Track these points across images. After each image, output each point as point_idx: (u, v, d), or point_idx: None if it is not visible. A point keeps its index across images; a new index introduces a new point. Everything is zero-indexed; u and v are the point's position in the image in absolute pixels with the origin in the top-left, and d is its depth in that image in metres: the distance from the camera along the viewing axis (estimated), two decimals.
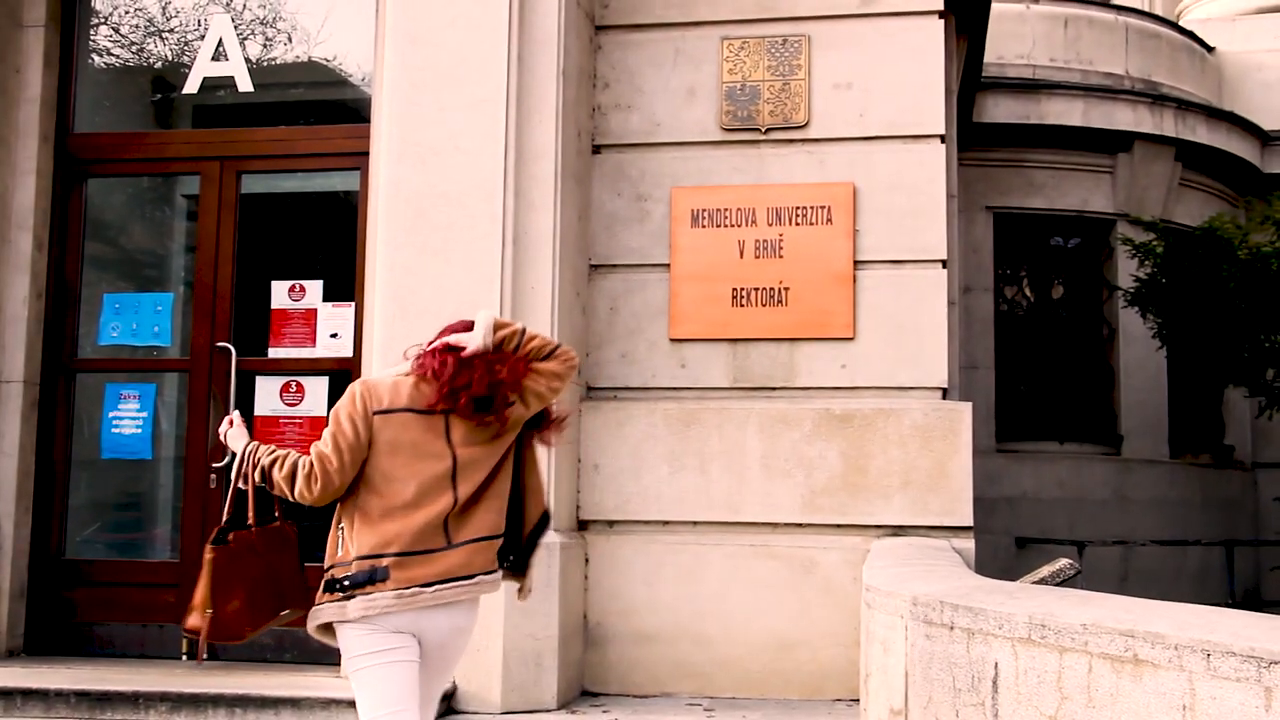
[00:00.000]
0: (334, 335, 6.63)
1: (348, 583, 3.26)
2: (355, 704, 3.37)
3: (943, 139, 6.57)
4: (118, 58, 7.36)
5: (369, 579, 3.23)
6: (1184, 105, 11.79)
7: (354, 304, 6.53)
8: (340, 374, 6.47)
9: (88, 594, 6.70)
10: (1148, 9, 13.70)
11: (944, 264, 6.50)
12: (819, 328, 6.47)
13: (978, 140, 10.65)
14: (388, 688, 3.26)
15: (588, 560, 6.39)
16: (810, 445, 6.31)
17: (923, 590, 4.15)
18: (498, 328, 3.39)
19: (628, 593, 6.34)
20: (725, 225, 6.61)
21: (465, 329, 3.42)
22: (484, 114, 6.05)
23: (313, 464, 3.31)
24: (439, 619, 3.31)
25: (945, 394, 6.42)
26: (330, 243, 6.98)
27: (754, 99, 6.68)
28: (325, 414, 6.15)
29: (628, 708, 5.96)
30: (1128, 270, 10.93)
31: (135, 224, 7.71)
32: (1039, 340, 11.53)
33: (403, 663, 3.28)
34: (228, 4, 7.06)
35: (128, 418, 6.81)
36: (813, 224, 6.53)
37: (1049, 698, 3.20)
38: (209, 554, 3.39)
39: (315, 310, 6.68)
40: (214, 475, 6.55)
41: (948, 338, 6.50)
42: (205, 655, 3.43)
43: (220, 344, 6.67)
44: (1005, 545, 10.45)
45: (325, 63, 7.14)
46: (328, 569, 3.35)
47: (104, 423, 6.84)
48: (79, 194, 7.01)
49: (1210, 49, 12.99)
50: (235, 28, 6.99)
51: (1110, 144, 11.36)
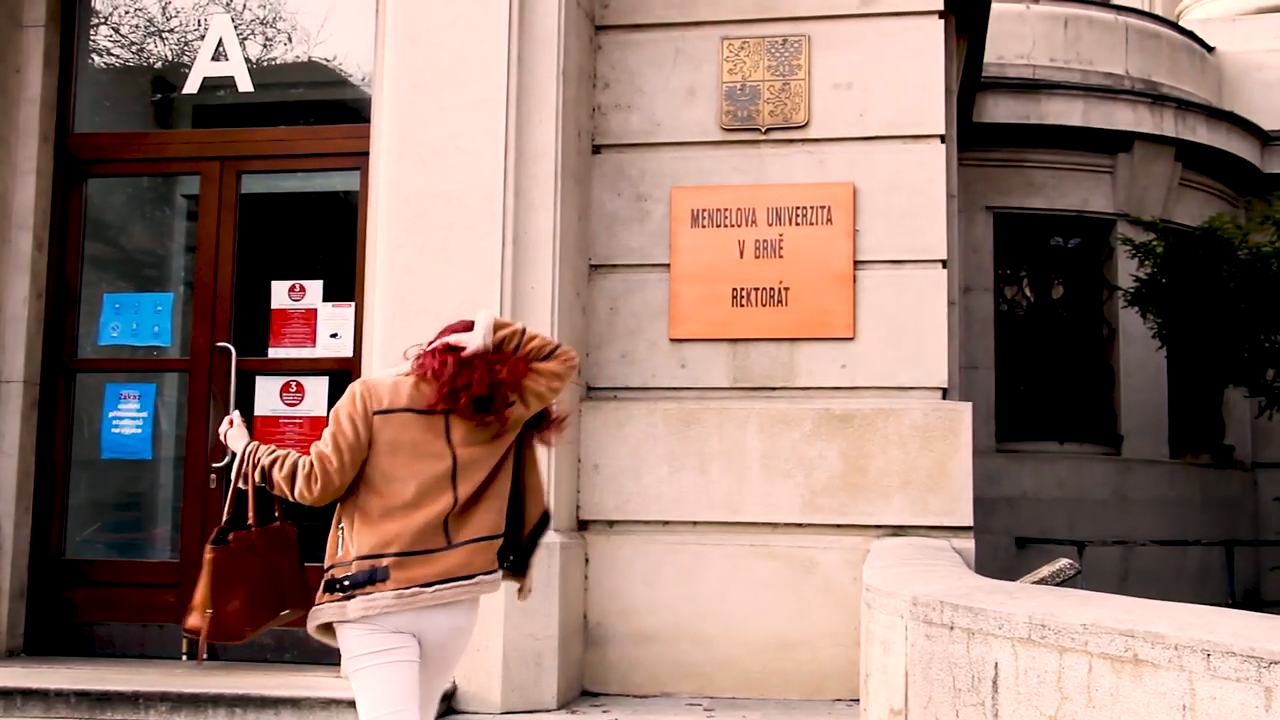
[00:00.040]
0: (334, 335, 6.63)
1: (347, 583, 3.26)
2: (355, 704, 3.37)
3: (943, 139, 6.58)
4: (118, 58, 7.36)
5: (369, 579, 3.23)
6: (1184, 105, 11.79)
7: (354, 304, 6.54)
8: (340, 374, 6.47)
9: (88, 594, 6.70)
10: (1148, 9, 13.70)
11: (944, 264, 6.50)
12: (819, 328, 6.47)
13: (978, 140, 10.65)
14: (387, 688, 3.26)
15: (588, 560, 6.39)
16: (810, 445, 6.31)
17: (923, 590, 4.15)
18: (498, 328, 3.39)
19: (628, 593, 6.34)
20: (725, 225, 6.61)
21: (465, 329, 3.42)
22: (484, 114, 6.05)
23: (313, 464, 3.31)
24: (439, 619, 3.31)
25: (945, 394, 6.42)
26: (330, 243, 6.98)
27: (754, 99, 6.68)
28: (325, 414, 6.15)
29: (628, 708, 5.96)
30: (1128, 270, 10.93)
31: (135, 224, 7.72)
32: (1039, 340, 11.52)
33: (402, 663, 3.27)
34: (228, 4, 7.06)
35: (128, 418, 6.81)
36: (813, 224, 6.53)
37: (1049, 698, 3.19)
38: (209, 554, 3.39)
39: (315, 310, 6.68)
40: (214, 475, 6.55)
41: (948, 338, 6.50)
42: (205, 655, 3.43)
43: (220, 344, 6.67)
44: (1005, 545, 10.44)
45: (325, 63, 7.14)
46: (328, 569, 3.35)
47: (104, 423, 6.84)
48: (79, 194, 7.01)
49: (1210, 49, 12.99)
50: (235, 28, 6.99)
51: (1110, 144, 11.36)
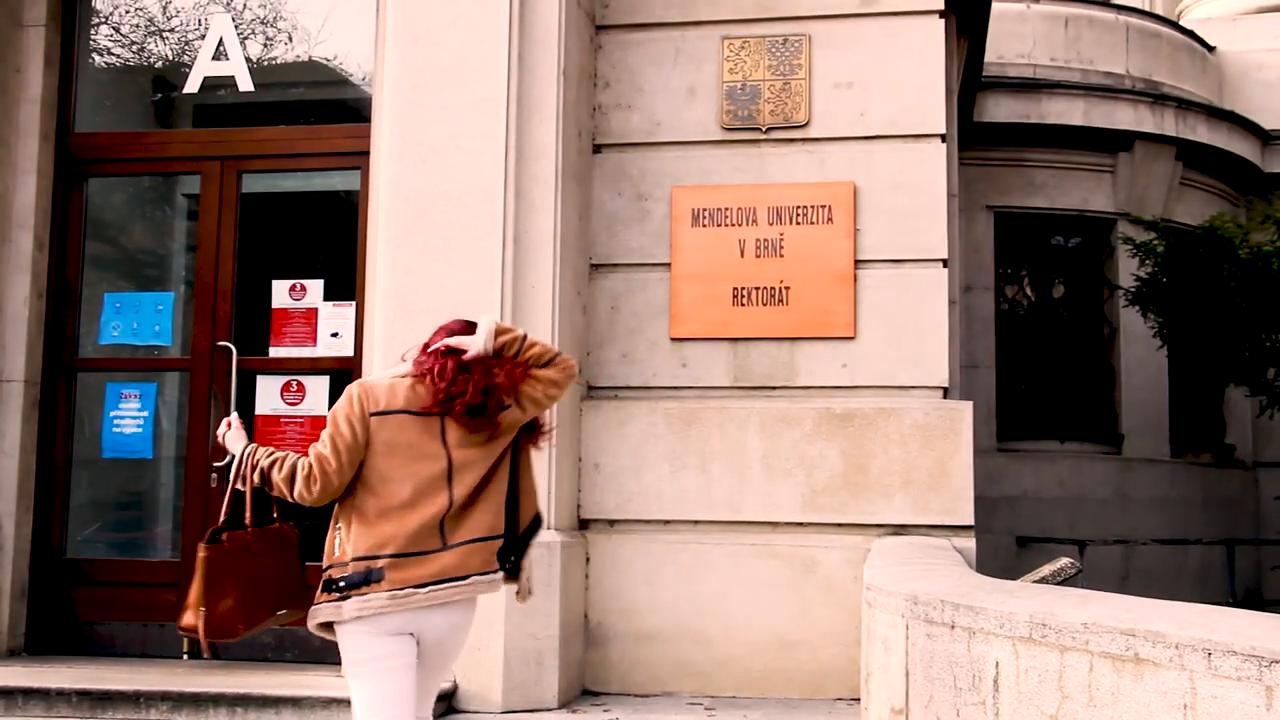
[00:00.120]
0: (335, 334, 6.64)
1: (344, 584, 3.32)
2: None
3: (943, 138, 6.57)
4: (118, 57, 7.36)
5: (365, 580, 3.29)
6: (1184, 105, 11.79)
7: (355, 303, 6.54)
8: (341, 373, 6.47)
9: (89, 593, 6.70)
10: (1148, 8, 13.69)
11: (945, 263, 6.50)
12: (820, 327, 6.47)
13: (978, 140, 10.65)
14: (382, 694, 3.32)
15: (589, 559, 6.39)
16: (811, 444, 6.31)
17: (924, 589, 4.14)
18: (499, 333, 3.45)
19: (629, 592, 6.34)
20: (726, 225, 6.61)
21: (461, 328, 3.48)
22: (484, 113, 6.05)
23: (311, 465, 3.37)
24: (436, 618, 3.36)
25: (946, 393, 6.42)
26: (331, 242, 6.98)
27: (754, 98, 6.68)
28: (326, 413, 6.13)
29: (628, 707, 5.96)
30: (1128, 269, 10.93)
31: (136, 223, 7.72)
32: (1039, 339, 11.52)
33: (398, 669, 3.33)
34: (228, 4, 7.06)
35: (128, 417, 6.82)
36: (813, 223, 6.53)
37: (1050, 697, 3.19)
38: (202, 552, 3.45)
39: (316, 309, 6.68)
40: (215, 475, 6.55)
41: (948, 337, 6.50)
42: (210, 653, 3.48)
43: (221, 343, 6.67)
44: (1006, 544, 10.44)
45: (326, 62, 7.14)
46: (326, 569, 3.40)
47: (105, 422, 6.84)
48: (79, 193, 7.01)
49: (1211, 48, 12.99)
50: (236, 27, 6.99)
51: (1111, 143, 11.36)
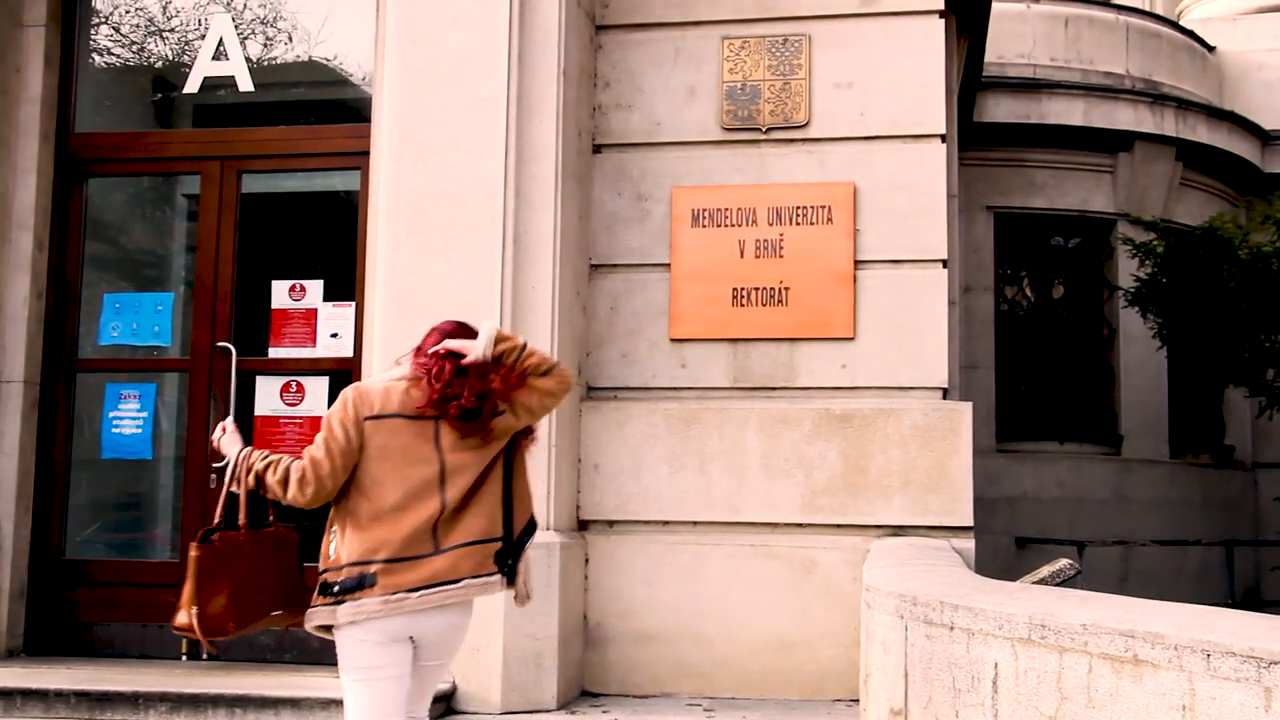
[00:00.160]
0: (334, 335, 6.63)
1: (338, 589, 3.37)
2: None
3: (943, 139, 6.57)
4: (118, 57, 7.36)
5: (358, 585, 3.35)
6: (1184, 105, 11.79)
7: (354, 304, 6.54)
8: (340, 374, 6.47)
9: (88, 594, 6.70)
10: (1148, 9, 13.69)
11: (944, 264, 6.49)
12: (819, 328, 6.47)
13: (978, 140, 10.65)
14: (375, 702, 3.40)
15: (588, 560, 6.39)
16: (810, 445, 6.31)
17: (923, 590, 4.14)
18: (499, 340, 3.49)
19: (628, 593, 6.34)
20: (726, 225, 6.61)
21: (453, 329, 3.54)
22: (484, 114, 6.05)
23: (304, 468, 3.43)
24: (433, 619, 3.41)
25: (945, 394, 6.42)
26: (330, 242, 6.98)
27: (754, 98, 6.68)
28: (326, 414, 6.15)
29: (627, 708, 5.96)
30: (1128, 270, 10.93)
31: (135, 224, 7.71)
32: (1039, 340, 11.52)
33: (390, 679, 3.41)
34: (228, 4, 7.06)
35: (128, 417, 6.81)
36: (813, 224, 6.53)
37: (1049, 698, 3.19)
38: (194, 551, 3.52)
39: (315, 310, 6.68)
40: (214, 475, 6.54)
41: (948, 338, 6.50)
42: (213, 650, 3.54)
43: (220, 344, 6.67)
44: (1005, 545, 10.44)
45: (326, 62, 7.14)
46: (321, 573, 3.46)
47: (104, 422, 6.84)
48: (79, 194, 7.01)
49: (1211, 49, 12.99)
50: (236, 27, 6.99)
51: (1111, 144, 11.36)
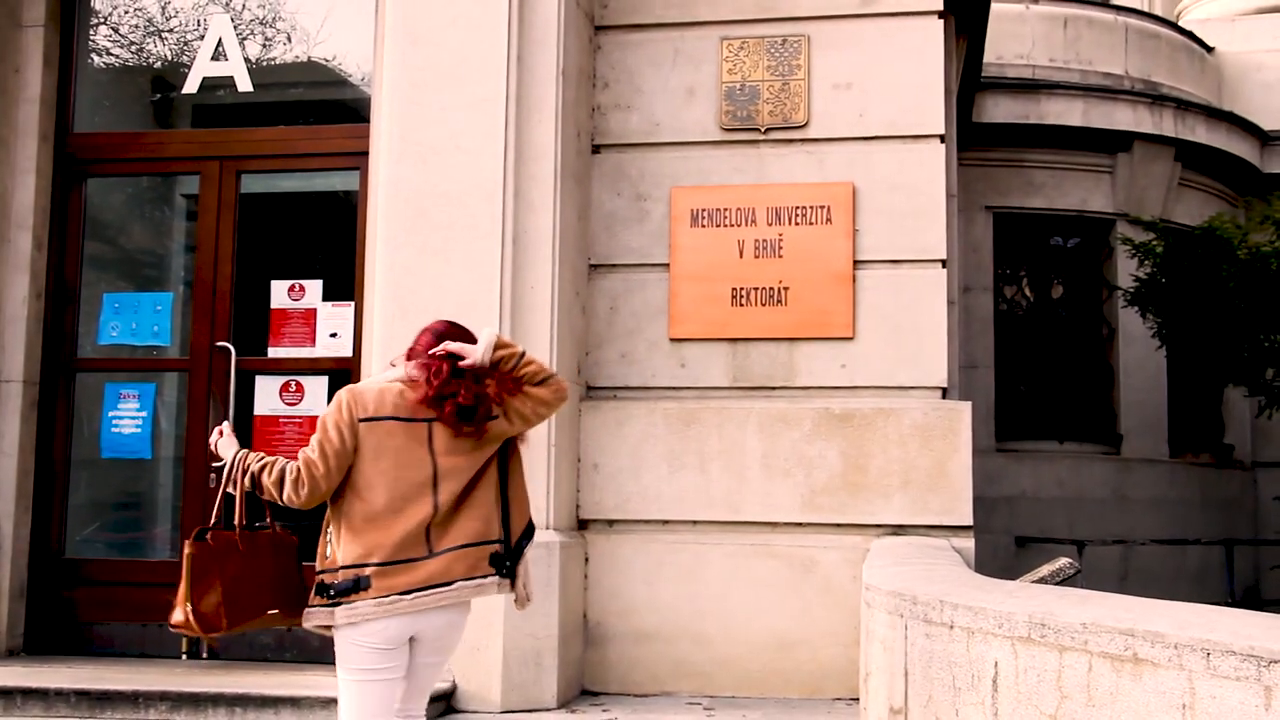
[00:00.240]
0: (333, 335, 6.64)
1: (334, 591, 3.43)
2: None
3: (942, 139, 6.57)
4: (117, 57, 7.36)
5: (353, 587, 3.40)
6: (1183, 105, 11.79)
7: (354, 304, 6.54)
8: (340, 374, 6.47)
9: (88, 593, 6.70)
10: (1147, 9, 13.70)
11: (944, 264, 6.50)
12: (819, 327, 6.47)
13: (977, 140, 10.65)
14: (366, 701, 3.46)
15: (588, 560, 6.39)
16: (810, 445, 6.31)
17: (923, 589, 4.14)
18: (499, 346, 3.56)
19: (627, 592, 6.34)
20: (725, 225, 6.61)
21: (445, 329, 3.62)
22: (484, 114, 6.05)
23: (299, 469, 3.48)
24: (431, 618, 3.47)
25: (945, 393, 6.42)
26: (330, 242, 6.98)
27: (753, 99, 6.68)
28: None
29: (627, 707, 5.97)
30: (1127, 270, 10.93)
31: (135, 224, 7.72)
32: (1039, 340, 11.52)
33: (384, 682, 3.47)
34: (227, 4, 7.06)
35: (127, 417, 6.81)
36: (812, 224, 6.53)
37: (1049, 697, 3.19)
38: (187, 549, 3.56)
39: (315, 310, 6.68)
40: (213, 475, 6.54)
41: (947, 337, 6.50)
42: (214, 644, 3.58)
43: (220, 343, 6.67)
44: (1005, 545, 10.44)
45: (325, 62, 7.14)
46: (318, 573, 3.52)
47: (104, 422, 6.84)
48: (79, 194, 7.01)
49: (1210, 49, 12.99)
50: (235, 27, 6.99)
51: (1110, 144, 11.36)
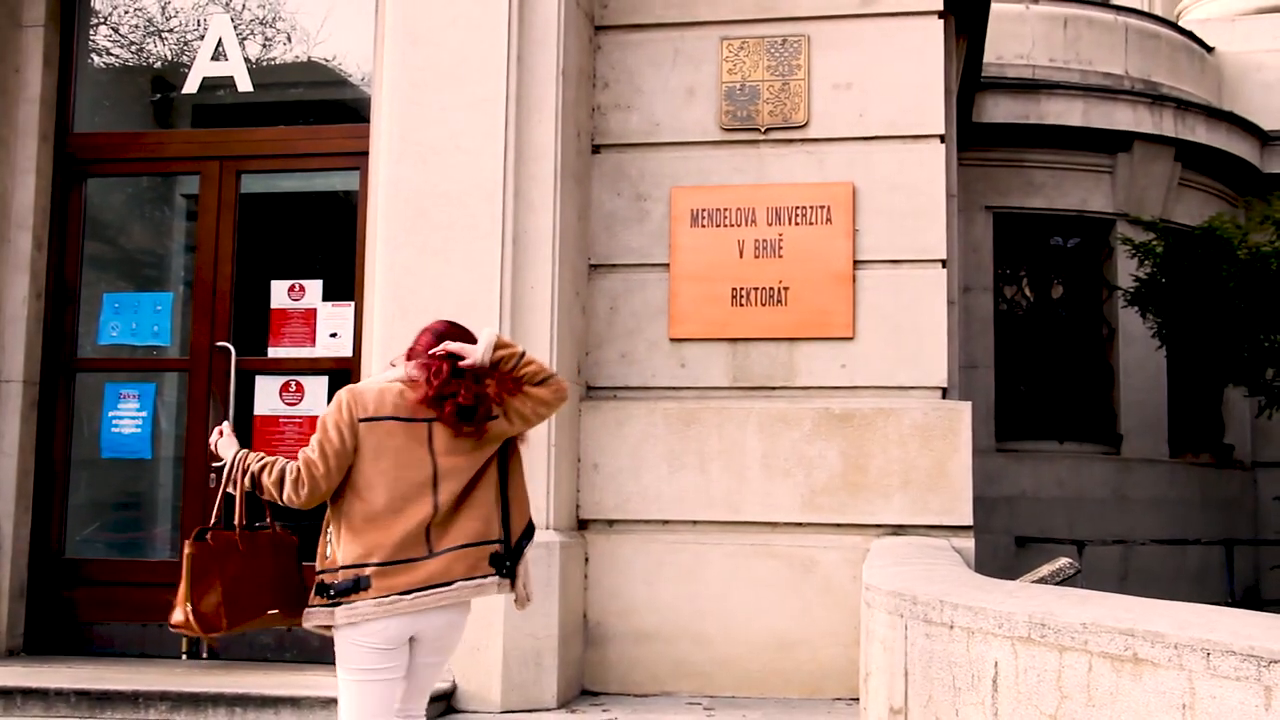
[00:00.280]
0: (334, 335, 6.64)
1: (334, 591, 3.44)
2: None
3: (942, 139, 6.57)
4: (117, 57, 7.36)
5: (353, 587, 3.41)
6: (1183, 105, 11.79)
7: (354, 303, 6.54)
8: (340, 373, 6.47)
9: (88, 593, 6.70)
10: (1147, 9, 13.70)
11: (944, 264, 6.50)
12: (819, 327, 6.48)
13: (977, 140, 10.65)
14: (366, 701, 3.47)
15: (587, 560, 6.39)
16: (810, 445, 6.31)
17: (923, 589, 4.14)
18: (499, 347, 3.56)
19: (627, 592, 6.34)
20: (725, 225, 6.61)
21: (444, 329, 3.62)
22: (484, 114, 6.05)
23: (299, 469, 3.49)
24: (431, 618, 3.47)
25: (945, 393, 6.42)
26: (330, 242, 6.98)
27: (754, 99, 6.68)
28: None
29: (627, 707, 5.97)
30: (1127, 270, 10.93)
31: (135, 224, 7.72)
32: (1039, 340, 11.52)
33: (384, 682, 3.48)
34: (227, 4, 7.06)
35: (127, 417, 6.81)
36: (812, 224, 6.53)
37: (1049, 696, 3.19)
38: (187, 549, 3.57)
39: (315, 310, 6.68)
40: (214, 475, 6.54)
41: (947, 337, 6.50)
42: (214, 644, 3.59)
43: (220, 343, 6.67)
44: (1005, 545, 10.44)
45: (325, 62, 7.14)
46: (319, 573, 3.52)
47: (104, 422, 6.84)
48: (79, 194, 7.01)
49: (1210, 49, 12.99)
50: (235, 28, 6.99)
51: (1110, 144, 11.36)
